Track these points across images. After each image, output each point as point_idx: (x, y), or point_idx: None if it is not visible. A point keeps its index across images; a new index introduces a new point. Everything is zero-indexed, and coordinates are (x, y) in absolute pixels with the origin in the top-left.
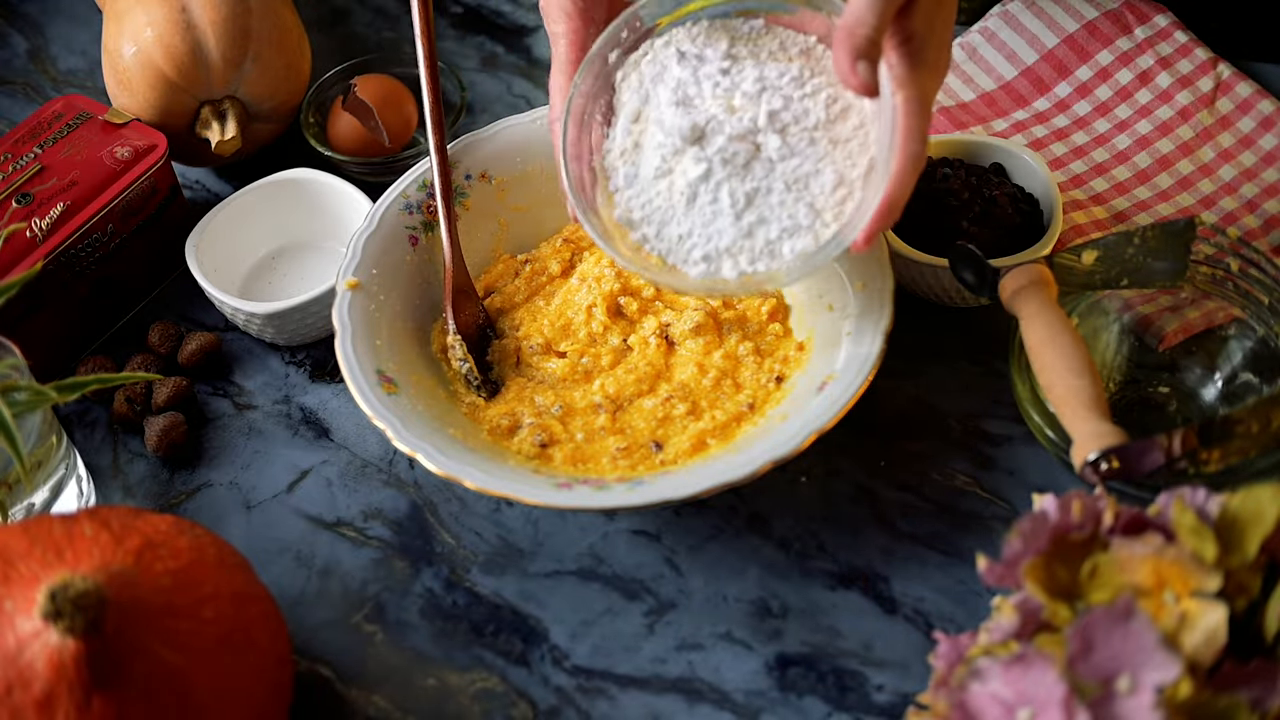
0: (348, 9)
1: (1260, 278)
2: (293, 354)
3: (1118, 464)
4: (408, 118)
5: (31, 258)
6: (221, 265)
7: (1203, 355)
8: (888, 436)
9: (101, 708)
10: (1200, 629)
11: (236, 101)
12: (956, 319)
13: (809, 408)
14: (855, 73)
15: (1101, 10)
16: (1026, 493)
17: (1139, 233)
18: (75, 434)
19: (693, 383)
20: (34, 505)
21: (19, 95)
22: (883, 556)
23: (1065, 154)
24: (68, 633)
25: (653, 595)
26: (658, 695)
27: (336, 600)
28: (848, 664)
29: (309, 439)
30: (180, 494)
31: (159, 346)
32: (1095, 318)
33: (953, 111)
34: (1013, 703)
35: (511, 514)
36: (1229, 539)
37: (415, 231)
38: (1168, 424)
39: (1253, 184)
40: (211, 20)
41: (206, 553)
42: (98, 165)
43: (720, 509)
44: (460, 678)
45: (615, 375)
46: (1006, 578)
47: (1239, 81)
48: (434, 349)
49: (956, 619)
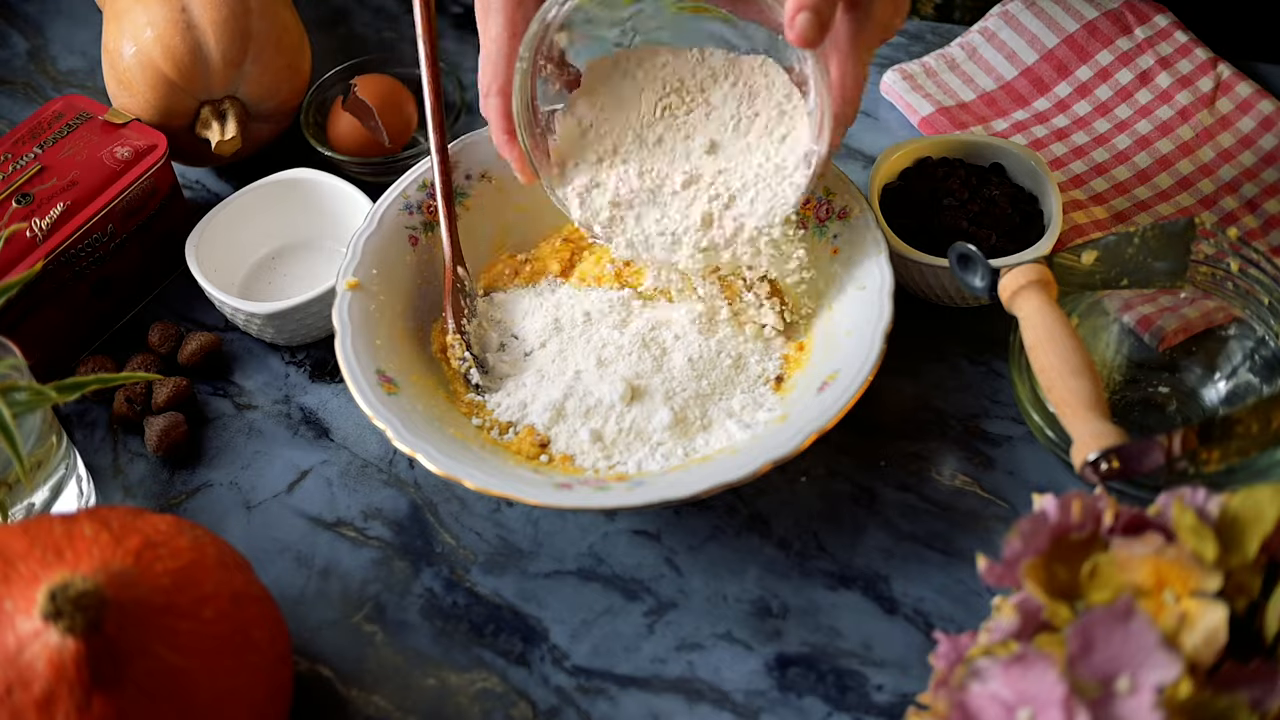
0: (348, 9)
1: (1260, 278)
2: (293, 354)
3: (1118, 464)
4: (408, 118)
5: (31, 258)
6: (221, 265)
7: (1203, 355)
8: (888, 436)
9: (101, 708)
10: (1200, 629)
11: (236, 101)
12: (956, 319)
13: (809, 408)
14: (794, 25)
15: (1101, 10)
16: (1026, 493)
17: (1139, 233)
18: (75, 434)
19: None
20: (34, 505)
21: (19, 95)
22: (883, 556)
23: (1065, 154)
24: (68, 633)
25: (653, 595)
26: (658, 695)
27: (336, 600)
28: (848, 664)
29: (309, 439)
30: (180, 494)
31: (159, 346)
32: (1095, 318)
33: (953, 111)
34: (1013, 703)
35: (511, 514)
36: (1229, 539)
37: (415, 231)
38: (1168, 424)
39: (1253, 184)
40: (211, 20)
41: (206, 553)
42: (98, 165)
43: (720, 509)
44: (460, 678)
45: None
46: (1006, 578)
47: (1239, 81)
48: (434, 349)
49: (956, 619)
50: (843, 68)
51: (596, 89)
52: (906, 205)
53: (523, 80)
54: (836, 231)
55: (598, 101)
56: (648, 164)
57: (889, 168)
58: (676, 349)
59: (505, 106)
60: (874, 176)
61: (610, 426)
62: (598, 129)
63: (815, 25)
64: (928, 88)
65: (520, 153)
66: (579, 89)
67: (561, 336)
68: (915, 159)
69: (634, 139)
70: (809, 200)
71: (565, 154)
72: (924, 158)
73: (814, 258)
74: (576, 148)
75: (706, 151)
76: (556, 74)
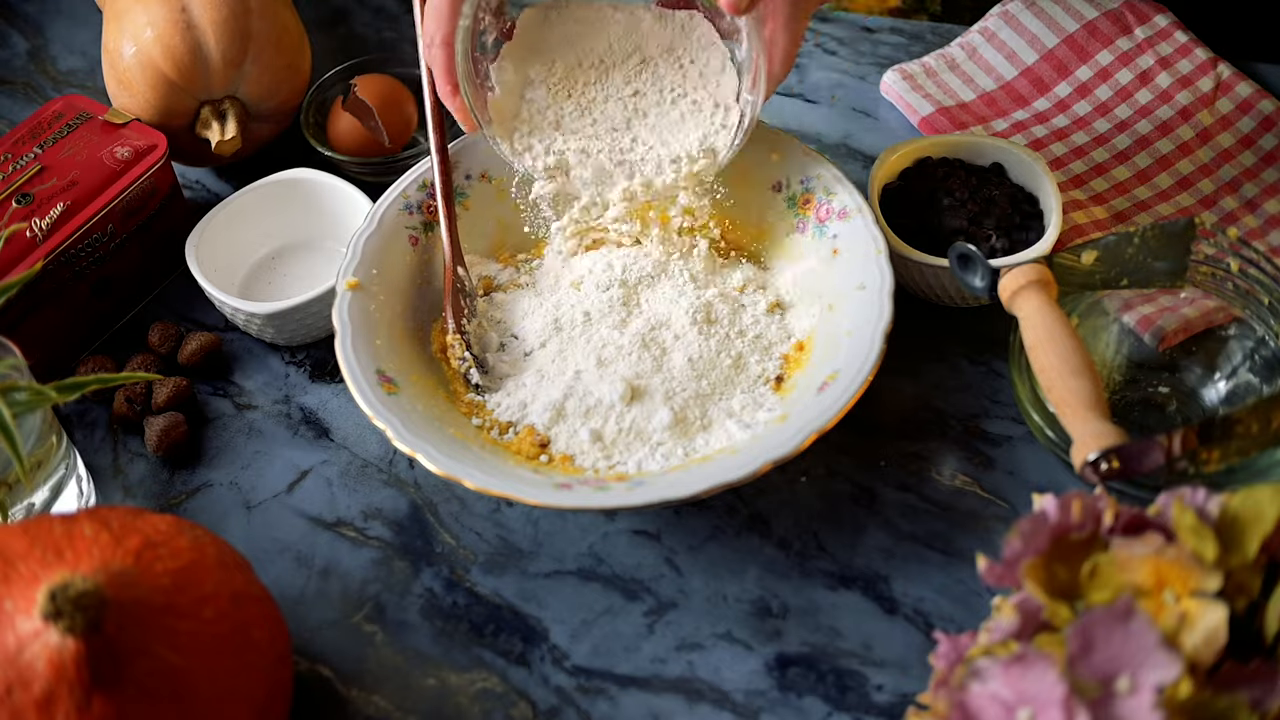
0: (348, 9)
1: (1260, 278)
2: (293, 354)
3: (1118, 464)
4: (408, 118)
5: (31, 258)
6: (221, 265)
7: (1203, 355)
8: (888, 436)
9: (101, 708)
10: (1200, 629)
11: (236, 101)
12: (956, 319)
13: (809, 408)
14: None
15: (1101, 10)
16: (1026, 493)
17: (1139, 233)
18: (75, 434)
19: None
20: (34, 505)
21: (19, 95)
22: (883, 556)
23: (1065, 154)
24: (68, 633)
25: (653, 595)
26: (658, 695)
27: (336, 600)
28: (848, 664)
29: (309, 439)
30: (180, 494)
31: (159, 346)
32: (1095, 318)
33: (953, 111)
34: (1013, 703)
35: (511, 514)
36: (1229, 539)
37: (415, 231)
38: (1168, 424)
39: (1253, 184)
40: (211, 20)
41: (206, 553)
42: (98, 165)
43: (720, 509)
44: (460, 678)
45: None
46: (1006, 578)
47: (1239, 81)
48: (434, 349)
49: (956, 619)
50: (775, 32)
51: (529, 42)
52: (906, 205)
53: (464, 35)
54: (836, 231)
55: (530, 56)
56: (581, 119)
57: (889, 168)
58: (676, 349)
59: (448, 59)
60: (874, 176)
61: (610, 426)
62: (532, 87)
63: None
64: (928, 88)
65: (462, 104)
66: (510, 41)
67: (561, 336)
68: (915, 159)
69: (566, 94)
70: (809, 200)
71: (501, 108)
72: (924, 158)
73: (814, 258)
74: (512, 102)
75: (637, 105)
76: (494, 24)
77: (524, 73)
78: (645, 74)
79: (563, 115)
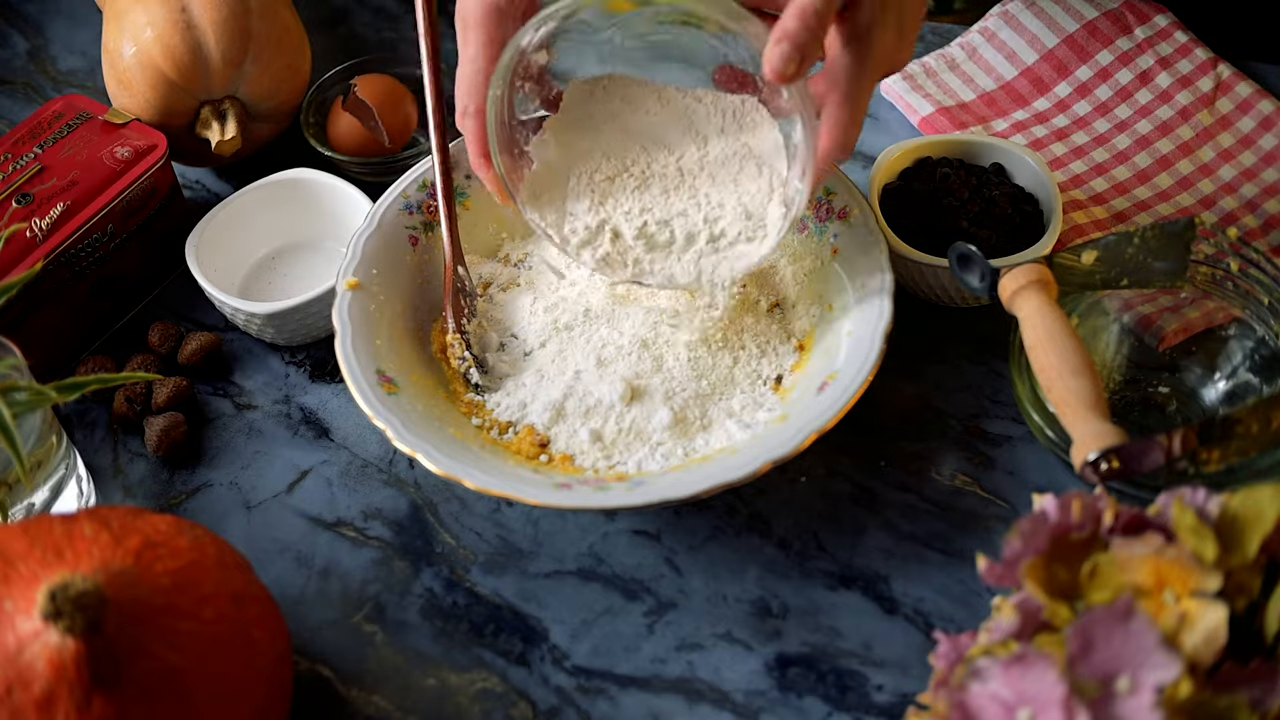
0: (348, 9)
1: (1260, 278)
2: (293, 354)
3: (1118, 464)
4: (408, 118)
5: (31, 258)
6: (221, 265)
7: (1203, 355)
8: (888, 436)
9: (101, 708)
10: (1200, 629)
11: (236, 101)
12: (956, 319)
13: (809, 408)
14: (770, 58)
15: (1101, 10)
16: (1026, 493)
17: (1139, 233)
18: (75, 434)
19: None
20: (34, 505)
21: (19, 95)
22: (883, 556)
23: (1065, 154)
24: (68, 633)
25: (653, 595)
26: (658, 695)
27: (336, 600)
28: (848, 664)
29: (309, 439)
30: (180, 494)
31: (159, 346)
32: (1095, 318)
33: (953, 111)
34: (1013, 703)
35: (511, 514)
36: (1229, 539)
37: (415, 231)
38: (1168, 424)
39: (1253, 184)
40: (211, 20)
41: (206, 553)
42: (98, 165)
43: (720, 509)
44: (460, 678)
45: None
46: (1006, 578)
47: (1239, 81)
48: (434, 349)
49: (956, 619)
50: (839, 109)
51: (575, 118)
52: (906, 205)
53: (495, 106)
54: (836, 231)
55: (576, 130)
56: (624, 202)
57: (889, 168)
58: (676, 349)
59: (480, 129)
60: (874, 176)
61: (610, 426)
62: (574, 163)
63: (793, 60)
64: (928, 88)
65: (494, 175)
66: (556, 115)
67: (561, 336)
68: (915, 159)
69: (609, 175)
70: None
71: (541, 182)
72: (924, 158)
73: (814, 258)
74: (552, 177)
75: (682, 191)
76: (536, 90)
77: (567, 146)
78: (696, 155)
79: (610, 191)
